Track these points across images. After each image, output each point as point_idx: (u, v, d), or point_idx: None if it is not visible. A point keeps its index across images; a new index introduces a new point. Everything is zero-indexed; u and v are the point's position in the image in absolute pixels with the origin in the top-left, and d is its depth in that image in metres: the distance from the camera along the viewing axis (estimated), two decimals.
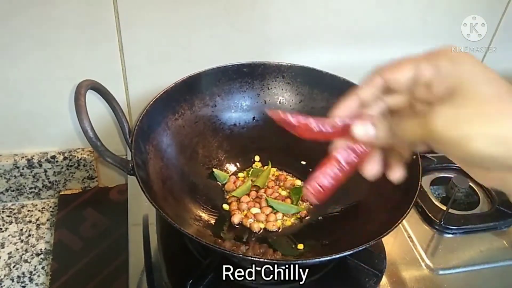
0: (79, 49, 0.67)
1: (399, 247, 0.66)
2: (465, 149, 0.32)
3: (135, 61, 0.71)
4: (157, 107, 0.62)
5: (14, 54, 0.65)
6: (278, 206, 0.65)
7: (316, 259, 0.54)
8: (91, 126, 0.51)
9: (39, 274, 0.67)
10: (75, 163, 0.76)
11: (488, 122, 0.32)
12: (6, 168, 0.73)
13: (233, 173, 0.70)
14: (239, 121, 0.72)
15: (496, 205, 0.72)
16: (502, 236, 0.69)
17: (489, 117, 0.32)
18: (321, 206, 0.66)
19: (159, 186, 0.59)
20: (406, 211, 0.53)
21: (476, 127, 0.32)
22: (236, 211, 0.64)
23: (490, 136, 0.31)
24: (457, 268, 0.65)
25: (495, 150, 0.31)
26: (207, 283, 0.55)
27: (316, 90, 0.71)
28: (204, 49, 0.73)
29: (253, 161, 0.71)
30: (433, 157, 0.76)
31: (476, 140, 0.32)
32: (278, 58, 0.72)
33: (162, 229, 0.64)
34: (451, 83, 0.34)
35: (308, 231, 0.63)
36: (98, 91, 0.56)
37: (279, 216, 0.64)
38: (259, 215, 0.63)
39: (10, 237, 0.72)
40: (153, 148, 0.61)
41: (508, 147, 0.31)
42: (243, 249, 0.59)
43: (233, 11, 0.70)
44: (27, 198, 0.78)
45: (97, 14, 0.65)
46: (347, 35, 0.78)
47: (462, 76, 0.34)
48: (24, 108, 0.71)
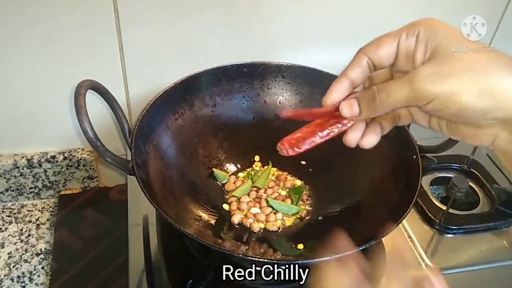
0: (79, 49, 0.67)
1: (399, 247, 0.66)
2: (454, 103, 0.33)
3: (135, 61, 0.71)
4: (157, 107, 0.62)
5: (14, 54, 0.65)
6: (278, 206, 0.65)
7: (316, 259, 0.54)
8: (91, 126, 0.51)
9: (39, 274, 0.67)
10: (75, 163, 0.76)
11: (473, 75, 0.32)
12: (6, 168, 0.73)
13: (233, 173, 0.70)
14: (239, 121, 0.72)
15: (496, 205, 0.72)
16: (502, 236, 0.69)
17: (474, 70, 0.33)
18: (321, 206, 0.66)
19: (159, 186, 0.59)
20: (406, 211, 0.53)
21: (462, 81, 0.32)
22: (236, 211, 0.64)
23: (477, 88, 0.32)
24: (457, 268, 0.65)
25: (484, 102, 0.32)
26: (207, 283, 0.55)
27: (316, 90, 0.71)
28: (204, 49, 0.72)
29: (253, 161, 0.71)
30: (433, 157, 0.76)
31: (464, 93, 0.32)
32: (278, 58, 0.72)
33: (162, 229, 0.64)
34: (432, 47, 0.35)
35: (308, 231, 0.63)
36: (98, 91, 0.56)
37: (279, 216, 0.64)
38: (259, 215, 0.63)
39: (10, 237, 0.72)
40: (153, 148, 0.61)
41: (496, 98, 0.32)
42: (243, 249, 0.59)
43: (233, 11, 0.70)
44: (27, 198, 0.78)
45: (97, 14, 0.65)
46: (347, 35, 0.78)
47: (441, 39, 0.35)
48: (24, 108, 0.71)
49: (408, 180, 0.59)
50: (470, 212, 0.72)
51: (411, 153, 0.61)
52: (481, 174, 0.77)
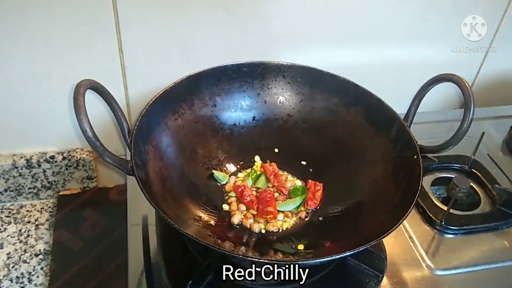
0: (79, 49, 0.67)
1: (400, 248, 0.66)
2: None
3: (134, 61, 0.70)
4: (156, 107, 0.62)
5: (13, 54, 0.65)
6: (283, 207, 0.64)
7: (316, 259, 0.54)
8: (90, 126, 0.50)
9: (38, 274, 0.67)
10: (74, 163, 0.76)
11: None
12: (4, 168, 0.73)
13: (233, 173, 0.70)
14: (239, 121, 0.72)
15: (497, 206, 0.72)
16: (503, 237, 0.69)
17: None
18: (322, 206, 0.65)
19: (158, 187, 0.58)
20: (407, 212, 0.53)
21: None
22: (236, 212, 0.64)
23: None
24: (458, 269, 0.64)
25: None
26: (207, 283, 0.55)
27: (316, 90, 0.71)
28: (204, 49, 0.72)
29: (253, 161, 0.71)
30: (434, 157, 0.76)
31: None
32: (278, 58, 0.72)
33: (161, 230, 0.64)
34: None
35: (308, 231, 0.63)
36: (97, 91, 0.56)
37: (279, 217, 0.64)
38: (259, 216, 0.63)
39: (9, 238, 0.71)
40: (152, 148, 0.61)
41: None
42: (243, 249, 0.59)
43: (233, 11, 0.70)
44: (26, 198, 0.77)
45: (96, 14, 0.65)
46: (347, 35, 0.78)
47: None
48: (23, 108, 0.71)
49: (409, 181, 0.59)
50: (471, 212, 0.72)
51: (412, 153, 0.61)
52: (482, 174, 0.77)
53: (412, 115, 0.65)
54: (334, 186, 0.67)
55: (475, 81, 0.93)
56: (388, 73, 0.85)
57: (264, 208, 0.62)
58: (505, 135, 0.87)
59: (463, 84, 0.58)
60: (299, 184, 0.68)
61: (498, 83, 0.94)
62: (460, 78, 0.59)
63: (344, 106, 0.70)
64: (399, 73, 0.85)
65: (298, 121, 0.72)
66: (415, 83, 0.65)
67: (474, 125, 0.58)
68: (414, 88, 0.65)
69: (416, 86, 0.64)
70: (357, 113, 0.69)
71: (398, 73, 0.85)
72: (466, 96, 0.57)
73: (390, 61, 0.83)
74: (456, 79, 0.59)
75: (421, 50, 0.84)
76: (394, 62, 0.84)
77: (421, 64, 0.84)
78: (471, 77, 0.92)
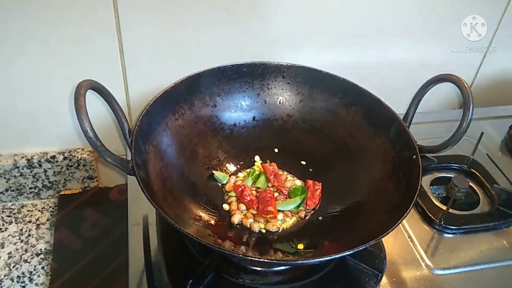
0: (79, 49, 0.67)
1: (399, 247, 0.66)
2: None
3: (135, 61, 0.71)
4: (157, 107, 0.62)
5: (13, 54, 0.65)
6: (283, 206, 0.65)
7: (316, 259, 0.54)
8: (91, 126, 0.51)
9: (39, 274, 0.67)
10: (75, 163, 0.76)
11: None
12: (6, 168, 0.73)
13: (233, 173, 0.70)
14: (239, 121, 0.72)
15: (496, 205, 0.72)
16: (502, 236, 0.69)
17: None
18: (321, 206, 0.66)
19: (159, 186, 0.59)
20: (406, 211, 0.53)
21: None
22: (236, 211, 0.64)
23: None
24: (457, 268, 0.65)
25: None
26: (207, 283, 0.55)
27: (316, 90, 0.71)
28: (204, 49, 0.73)
29: (253, 161, 0.71)
30: (433, 157, 0.76)
31: None
32: (278, 58, 0.72)
33: (162, 229, 0.64)
34: None
35: (308, 231, 0.63)
36: (98, 91, 0.56)
37: (279, 216, 0.64)
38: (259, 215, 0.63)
39: (10, 237, 0.71)
40: (153, 148, 0.61)
41: None
42: (243, 249, 0.59)
43: (233, 11, 0.70)
44: (27, 198, 0.78)
45: (97, 15, 0.65)
46: (347, 35, 0.78)
47: None
48: (24, 108, 0.71)
49: (408, 180, 0.59)
50: (470, 212, 0.72)
51: (411, 153, 0.61)
52: (481, 174, 0.77)
53: (411, 115, 0.65)
54: (333, 185, 0.67)
55: (474, 81, 0.93)
56: (388, 73, 0.85)
57: (264, 207, 0.63)
58: (504, 135, 0.88)
59: (462, 84, 0.58)
60: (299, 184, 0.68)
61: (497, 83, 0.94)
62: (459, 78, 0.59)
63: (344, 106, 0.70)
64: (398, 73, 0.85)
65: (298, 121, 0.73)
66: (414, 83, 0.65)
67: (473, 125, 0.58)
68: (413, 88, 0.65)
69: (416, 86, 0.65)
70: (356, 113, 0.69)
71: (397, 73, 0.85)
72: (465, 96, 0.57)
73: (390, 61, 0.84)
74: (455, 79, 0.59)
75: (420, 50, 0.84)
76: (393, 62, 0.84)
77: (420, 64, 0.85)
78: (470, 77, 0.92)
